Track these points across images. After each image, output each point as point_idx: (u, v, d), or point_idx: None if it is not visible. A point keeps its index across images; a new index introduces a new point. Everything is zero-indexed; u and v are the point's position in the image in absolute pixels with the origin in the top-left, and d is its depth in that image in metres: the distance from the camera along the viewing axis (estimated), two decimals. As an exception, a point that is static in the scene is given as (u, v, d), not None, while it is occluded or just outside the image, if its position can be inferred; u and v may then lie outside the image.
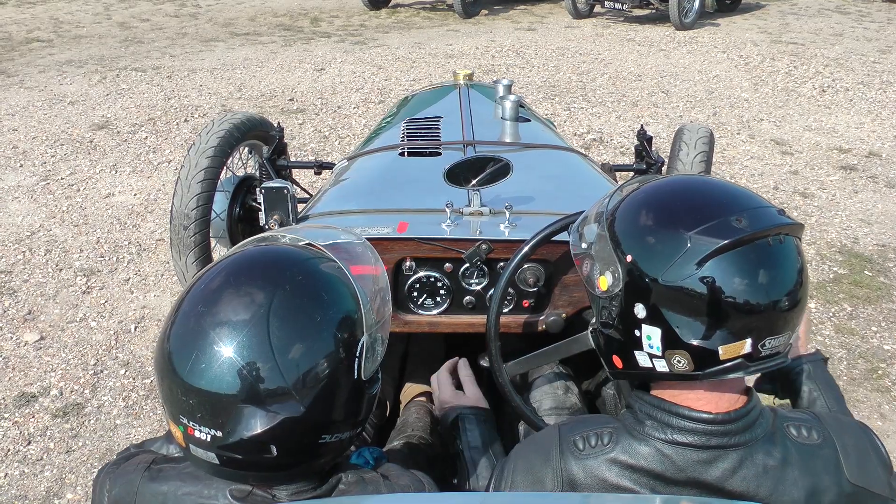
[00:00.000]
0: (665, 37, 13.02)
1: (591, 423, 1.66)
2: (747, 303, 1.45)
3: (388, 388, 2.99)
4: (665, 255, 1.49)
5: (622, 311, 1.57)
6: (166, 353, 1.44)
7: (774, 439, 1.55)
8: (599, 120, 8.85)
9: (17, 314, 5.06)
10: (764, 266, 1.46)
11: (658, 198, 1.61)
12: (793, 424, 1.59)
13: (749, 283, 1.45)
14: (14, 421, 4.13)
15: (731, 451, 1.52)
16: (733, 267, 1.45)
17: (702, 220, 1.48)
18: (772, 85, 10.31)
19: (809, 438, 1.57)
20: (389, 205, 2.71)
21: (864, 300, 5.30)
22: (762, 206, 1.52)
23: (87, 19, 14.46)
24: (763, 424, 1.55)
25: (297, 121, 8.70)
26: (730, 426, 1.52)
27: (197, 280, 1.49)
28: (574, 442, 1.60)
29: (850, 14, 15.17)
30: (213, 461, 1.43)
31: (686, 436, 1.52)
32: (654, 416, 1.56)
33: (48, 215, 6.43)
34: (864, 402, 4.31)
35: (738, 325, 1.47)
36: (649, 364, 1.56)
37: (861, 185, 7.22)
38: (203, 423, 1.40)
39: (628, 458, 1.55)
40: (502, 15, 15.13)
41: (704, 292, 1.45)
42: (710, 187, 1.62)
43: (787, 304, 1.48)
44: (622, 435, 1.58)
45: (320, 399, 1.44)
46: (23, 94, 9.61)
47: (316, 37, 13.01)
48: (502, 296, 2.22)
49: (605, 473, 1.56)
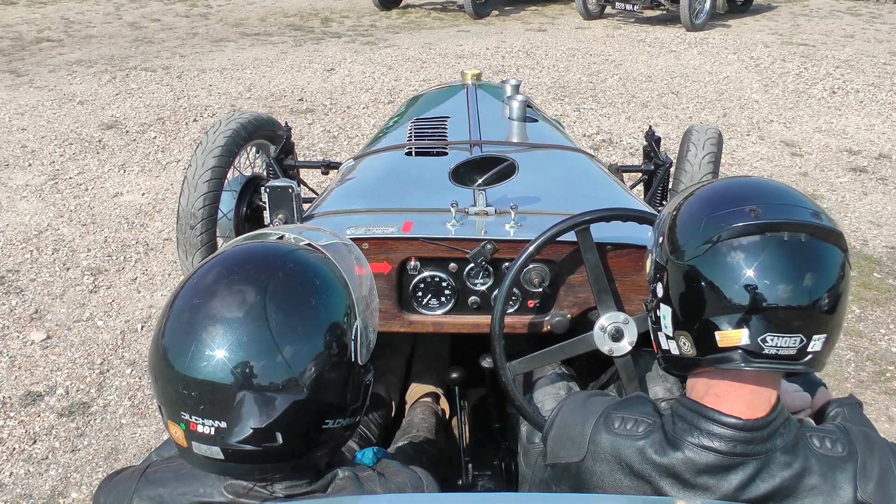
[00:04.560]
0: (676, 38, 12.99)
1: (636, 409, 1.67)
2: (743, 291, 1.45)
3: (394, 388, 2.98)
4: (682, 236, 1.54)
5: (651, 291, 1.64)
6: (162, 350, 1.43)
7: (796, 449, 1.53)
8: (609, 121, 8.83)
9: (24, 313, 5.06)
10: (771, 259, 1.45)
11: (703, 190, 1.64)
12: (816, 435, 1.57)
13: (750, 273, 1.45)
14: (20, 420, 4.13)
15: (751, 459, 1.52)
16: (738, 254, 1.46)
17: (721, 206, 1.52)
18: (782, 86, 10.27)
19: (833, 451, 1.55)
20: (395, 204, 2.70)
21: (873, 302, 5.27)
22: (787, 203, 1.51)
23: (97, 19, 14.49)
24: (786, 434, 1.54)
25: (307, 121, 8.69)
26: (755, 434, 1.51)
27: (189, 277, 1.50)
28: (613, 419, 1.64)
29: (862, 16, 15.12)
30: (218, 456, 1.42)
31: (713, 441, 1.52)
32: (687, 418, 1.56)
33: (56, 214, 6.44)
34: (871, 405, 4.28)
35: (732, 312, 1.47)
36: (666, 346, 1.61)
37: (871, 187, 7.19)
38: (206, 415, 1.39)
39: (656, 455, 1.56)
40: (513, 16, 15.11)
41: (703, 273, 1.49)
42: (746, 182, 1.65)
43: (790, 303, 1.45)
44: (656, 431, 1.59)
45: (322, 382, 1.45)
46: (32, 93, 9.63)
47: (326, 37, 13.01)
48: (507, 296, 2.21)
49: (628, 455, 1.59)
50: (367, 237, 2.42)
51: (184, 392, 1.40)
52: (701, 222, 1.51)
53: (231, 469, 1.46)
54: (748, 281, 1.45)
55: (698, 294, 1.50)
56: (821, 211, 1.52)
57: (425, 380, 2.98)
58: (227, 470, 1.46)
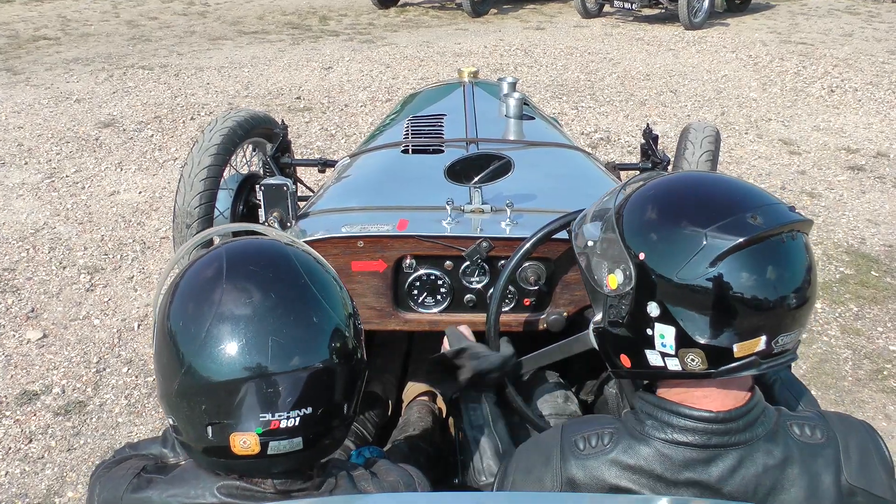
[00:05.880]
0: (674, 36, 12.98)
1: (593, 423, 1.65)
2: (763, 300, 1.45)
3: (390, 387, 2.98)
4: (680, 253, 1.48)
5: (633, 309, 1.56)
6: (227, 364, 1.38)
7: (776, 438, 1.54)
8: (607, 119, 8.82)
9: (21, 312, 5.05)
10: (777, 263, 1.46)
11: (669, 195, 1.60)
12: (796, 423, 1.58)
13: (763, 280, 1.44)
14: (16, 419, 4.12)
15: (731, 450, 1.51)
16: (748, 264, 1.45)
17: (716, 217, 1.47)
18: (780, 85, 10.27)
19: (813, 437, 1.55)
20: (390, 202, 2.69)
21: (871, 300, 5.27)
22: (774, 203, 1.51)
23: (94, 17, 14.48)
24: (765, 423, 1.54)
25: (304, 119, 8.69)
26: (731, 425, 1.51)
27: (214, 292, 1.42)
28: (575, 442, 1.60)
29: (860, 14, 15.11)
30: (297, 448, 1.43)
31: (686, 435, 1.52)
32: (655, 415, 1.55)
33: (52, 213, 6.43)
34: (869, 403, 4.28)
35: (752, 322, 1.46)
36: (661, 363, 1.55)
37: (869, 186, 7.18)
38: (294, 406, 1.40)
39: (628, 458, 1.54)
40: (511, 14, 15.11)
41: (720, 290, 1.45)
42: (720, 184, 1.61)
43: (797, 301, 1.47)
44: (623, 436, 1.57)
45: (361, 345, 1.55)
46: (29, 91, 9.62)
47: (324, 35, 13.00)
48: (502, 294, 2.20)
49: (605, 474, 1.55)
50: (362, 235, 2.41)
51: (269, 390, 1.38)
52: (700, 237, 1.46)
53: (293, 460, 1.45)
54: (762, 289, 1.45)
55: (712, 312, 1.47)
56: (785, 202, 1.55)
57: (422, 378, 2.97)
58: (291, 461, 1.46)
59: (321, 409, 1.43)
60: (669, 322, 1.51)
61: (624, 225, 1.59)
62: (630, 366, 1.63)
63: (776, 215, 1.48)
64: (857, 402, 4.28)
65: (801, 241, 1.50)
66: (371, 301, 2.47)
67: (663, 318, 1.51)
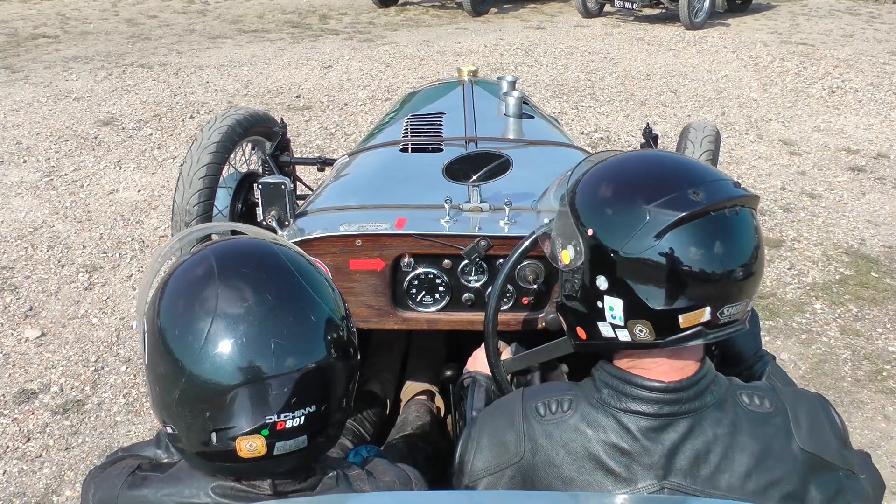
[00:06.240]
0: (675, 36, 12.97)
1: (551, 389, 1.72)
2: (705, 272, 1.50)
3: (389, 386, 2.98)
4: (625, 227, 1.53)
5: (585, 283, 1.62)
6: (228, 370, 1.37)
7: (725, 407, 1.60)
8: (607, 119, 8.82)
9: (19, 310, 5.04)
10: (721, 237, 1.51)
11: (616, 172, 1.66)
12: (745, 392, 1.63)
13: (707, 253, 1.50)
14: (13, 418, 4.12)
15: (681, 418, 1.57)
16: (691, 238, 1.49)
17: (660, 193, 1.52)
18: (781, 85, 10.26)
19: (762, 407, 1.61)
20: (388, 200, 2.68)
21: (870, 301, 5.26)
22: (718, 179, 1.57)
23: (94, 15, 14.46)
24: (715, 392, 1.60)
25: (304, 118, 8.68)
26: (681, 394, 1.56)
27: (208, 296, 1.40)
28: (536, 408, 1.66)
29: (861, 15, 15.09)
30: (302, 446, 1.43)
31: (640, 404, 1.57)
32: (612, 384, 1.61)
33: (51, 211, 6.42)
34: (868, 404, 4.27)
35: (696, 293, 1.51)
36: (612, 334, 1.60)
37: (869, 187, 7.18)
38: (299, 405, 1.40)
39: (587, 427, 1.60)
40: (512, 13, 15.09)
41: (664, 263, 1.50)
42: (666, 161, 1.68)
43: (742, 273, 1.53)
44: (580, 402, 1.63)
45: (355, 337, 1.54)
46: (28, 89, 9.61)
47: (324, 34, 12.99)
48: (501, 293, 2.19)
49: (566, 438, 1.61)
50: (360, 234, 2.40)
51: (275, 392, 1.38)
52: (644, 212, 1.51)
53: (296, 458, 1.45)
54: (706, 262, 1.50)
55: (657, 284, 1.51)
56: (731, 177, 1.60)
57: (420, 377, 2.97)
58: (296, 459, 1.45)
59: (324, 405, 1.43)
60: (618, 294, 1.56)
61: (576, 202, 1.64)
62: (585, 338, 1.68)
63: (718, 191, 1.53)
64: (857, 402, 4.28)
65: (746, 216, 1.55)
66: (369, 300, 2.46)
67: (612, 291, 1.56)
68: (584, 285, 1.61)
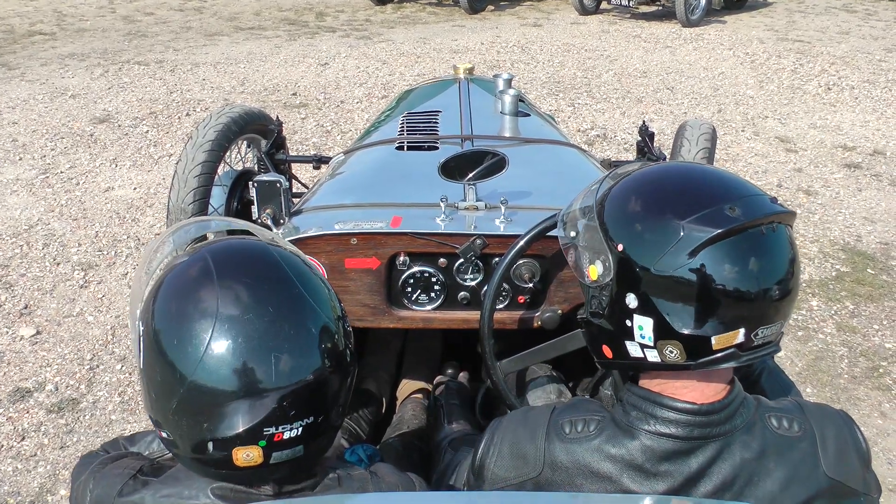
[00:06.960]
0: (671, 34, 12.97)
1: (581, 409, 1.65)
2: (740, 291, 1.43)
3: (384, 384, 2.97)
4: (657, 244, 1.47)
5: (613, 300, 1.55)
6: (228, 383, 1.36)
7: (753, 430, 1.54)
8: (604, 116, 8.81)
9: (14, 308, 5.03)
10: (757, 255, 1.45)
11: (648, 185, 1.59)
12: (774, 415, 1.57)
13: (742, 271, 1.43)
14: (8, 416, 4.10)
15: (711, 442, 1.51)
16: (727, 256, 1.43)
17: (695, 208, 1.45)
18: (777, 82, 10.26)
19: (790, 430, 1.55)
20: (384, 199, 2.67)
21: (867, 298, 5.26)
22: (755, 195, 1.50)
23: (90, 13, 14.45)
24: (744, 414, 1.54)
25: (300, 115, 8.67)
26: (713, 417, 1.51)
27: (208, 305, 1.38)
28: (562, 425, 1.60)
29: (857, 12, 15.11)
30: (298, 455, 1.42)
31: (669, 427, 1.51)
32: (640, 406, 1.55)
33: (47, 209, 6.41)
34: (864, 401, 4.27)
35: (730, 314, 1.45)
36: (640, 354, 1.54)
37: (865, 183, 7.18)
38: (297, 417, 1.39)
39: (611, 447, 1.54)
40: (508, 11, 15.09)
41: (697, 282, 1.44)
42: (701, 175, 1.60)
43: (779, 293, 1.47)
44: (608, 425, 1.57)
45: (351, 343, 1.53)
46: (24, 86, 9.59)
47: (321, 31, 12.98)
48: (496, 291, 2.19)
49: (587, 458, 1.55)
50: (355, 232, 2.39)
51: (273, 406, 1.37)
52: (678, 228, 1.45)
53: (292, 465, 1.44)
54: (741, 281, 1.43)
55: (689, 303, 1.46)
56: (768, 193, 1.53)
57: (416, 376, 2.96)
58: (292, 468, 1.45)
59: (322, 416, 1.43)
60: (647, 313, 1.50)
61: (605, 216, 1.58)
62: (612, 357, 1.63)
63: (755, 207, 1.46)
64: (853, 399, 4.28)
65: (782, 233, 1.49)
66: (365, 298, 2.45)
67: (641, 310, 1.50)
68: (612, 302, 1.56)
